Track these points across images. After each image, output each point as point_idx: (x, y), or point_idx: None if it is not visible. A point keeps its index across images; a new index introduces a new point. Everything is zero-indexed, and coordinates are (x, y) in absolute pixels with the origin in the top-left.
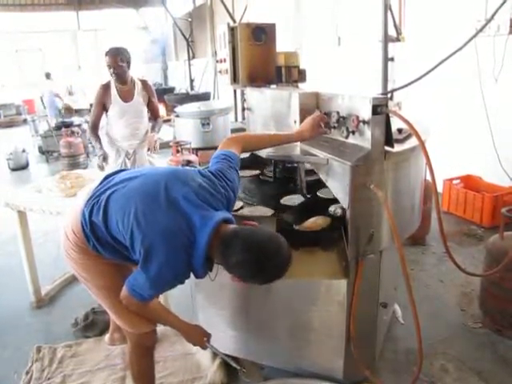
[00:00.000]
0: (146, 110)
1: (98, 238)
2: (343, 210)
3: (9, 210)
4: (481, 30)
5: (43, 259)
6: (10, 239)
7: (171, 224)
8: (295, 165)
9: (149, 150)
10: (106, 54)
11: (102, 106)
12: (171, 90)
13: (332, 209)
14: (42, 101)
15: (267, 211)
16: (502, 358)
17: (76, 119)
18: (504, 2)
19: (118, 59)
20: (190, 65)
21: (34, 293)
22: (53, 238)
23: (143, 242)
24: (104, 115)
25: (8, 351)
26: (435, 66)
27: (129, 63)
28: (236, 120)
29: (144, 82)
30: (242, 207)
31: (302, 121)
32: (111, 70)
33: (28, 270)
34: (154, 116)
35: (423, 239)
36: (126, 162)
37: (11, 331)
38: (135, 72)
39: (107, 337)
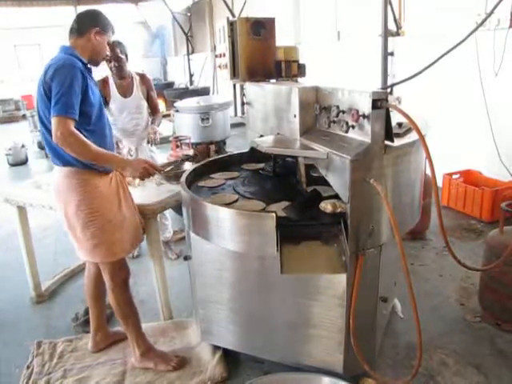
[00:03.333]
0: (145, 104)
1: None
2: (334, 206)
3: (8, 206)
4: (481, 24)
5: (43, 254)
6: (10, 235)
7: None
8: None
9: (149, 142)
10: None
11: (104, 101)
12: (170, 85)
13: (323, 205)
14: None
15: (259, 205)
16: (500, 352)
17: None
18: None
19: (118, 51)
20: (189, 59)
21: (34, 288)
22: (52, 233)
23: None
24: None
25: (8, 346)
26: (435, 61)
27: (127, 56)
28: (236, 115)
29: (142, 76)
30: (236, 200)
31: (301, 115)
32: (112, 63)
33: (28, 266)
34: (153, 110)
35: (423, 234)
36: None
37: (11, 326)
38: (134, 67)
39: (90, 344)
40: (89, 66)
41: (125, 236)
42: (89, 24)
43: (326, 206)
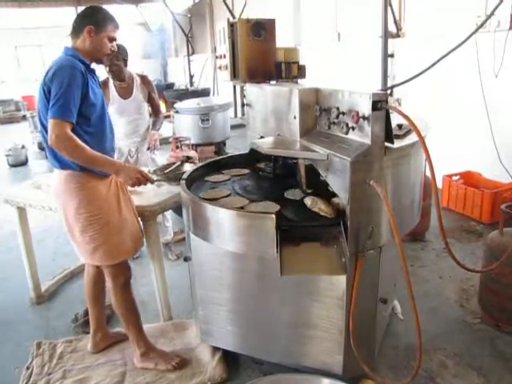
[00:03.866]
0: (146, 105)
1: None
2: (313, 202)
3: (8, 206)
4: (481, 25)
5: (43, 255)
6: (10, 235)
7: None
8: (295, 161)
9: (149, 148)
10: None
11: None
12: (171, 86)
13: (305, 199)
14: None
15: (243, 201)
16: (500, 354)
17: None
18: None
19: (114, 58)
20: (189, 61)
21: (34, 289)
22: (52, 234)
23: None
24: None
25: (8, 347)
26: (435, 62)
27: (125, 61)
28: (235, 116)
29: (143, 78)
30: (227, 195)
31: (302, 117)
32: (107, 68)
33: (28, 266)
34: (154, 112)
35: (423, 235)
36: (128, 160)
37: (11, 327)
38: (134, 68)
39: (89, 345)
40: (92, 66)
41: (125, 239)
42: (82, 23)
43: (307, 201)
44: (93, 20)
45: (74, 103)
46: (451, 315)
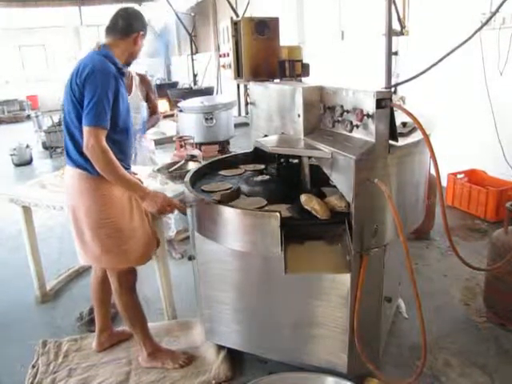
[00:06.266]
0: (144, 105)
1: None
2: (309, 199)
3: (13, 206)
4: (486, 22)
5: (48, 254)
6: (15, 234)
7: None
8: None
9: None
10: None
11: None
12: (174, 84)
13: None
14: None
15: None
16: (506, 353)
17: None
18: None
19: None
20: (193, 59)
21: (39, 287)
22: (57, 233)
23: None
24: None
25: (14, 345)
26: (439, 60)
27: None
28: (239, 114)
29: (142, 77)
30: (228, 189)
31: (305, 115)
32: None
33: (33, 265)
34: (152, 112)
35: (427, 234)
36: None
37: (17, 326)
38: (139, 67)
39: (94, 344)
40: (123, 69)
41: (135, 246)
42: (136, 26)
43: (302, 198)
44: (143, 25)
45: (108, 109)
46: (456, 314)
